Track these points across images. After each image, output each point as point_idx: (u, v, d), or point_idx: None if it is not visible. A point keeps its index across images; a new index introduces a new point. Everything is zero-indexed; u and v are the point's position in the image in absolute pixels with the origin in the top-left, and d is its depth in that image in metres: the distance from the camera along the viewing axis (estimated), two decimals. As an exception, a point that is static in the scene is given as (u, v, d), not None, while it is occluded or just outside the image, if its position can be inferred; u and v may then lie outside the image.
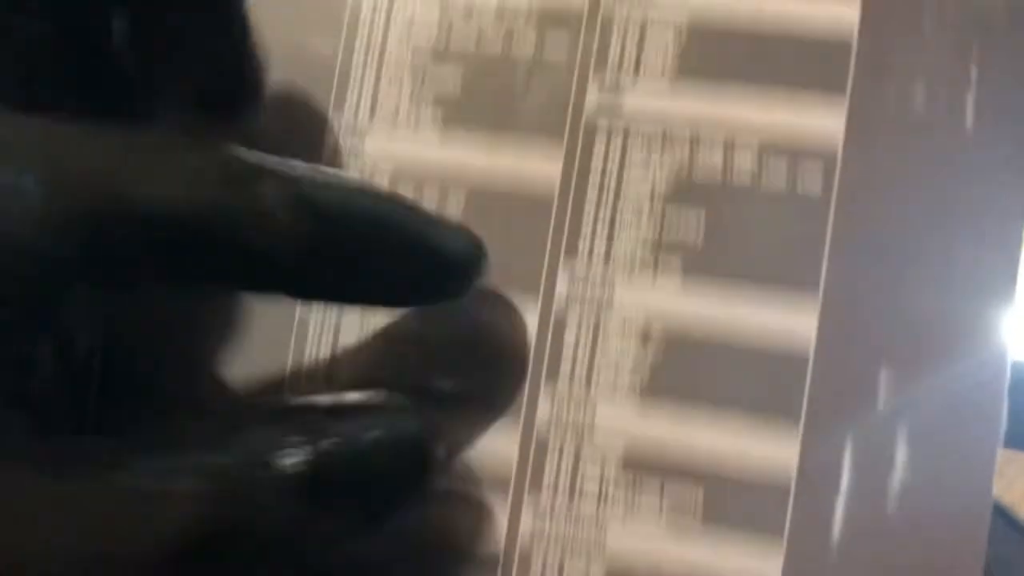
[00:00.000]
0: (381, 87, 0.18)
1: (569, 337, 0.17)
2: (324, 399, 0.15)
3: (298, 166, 0.14)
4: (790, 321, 0.16)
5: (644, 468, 0.17)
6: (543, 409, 0.17)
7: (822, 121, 0.17)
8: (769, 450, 0.16)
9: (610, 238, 0.17)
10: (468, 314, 0.17)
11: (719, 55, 0.17)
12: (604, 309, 0.17)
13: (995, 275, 0.16)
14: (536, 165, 0.18)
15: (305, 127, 0.18)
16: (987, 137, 0.16)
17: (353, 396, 0.15)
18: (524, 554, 0.17)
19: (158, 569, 0.12)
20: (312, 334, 0.18)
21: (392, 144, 0.18)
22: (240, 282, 0.15)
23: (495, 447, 0.17)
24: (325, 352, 0.18)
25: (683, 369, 0.17)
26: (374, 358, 0.18)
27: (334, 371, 0.18)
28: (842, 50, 0.17)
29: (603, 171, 0.17)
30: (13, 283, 0.13)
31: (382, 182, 0.18)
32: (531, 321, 0.17)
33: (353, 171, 0.18)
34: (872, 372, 0.16)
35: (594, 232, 0.17)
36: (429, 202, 0.18)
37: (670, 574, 0.16)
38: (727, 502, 0.16)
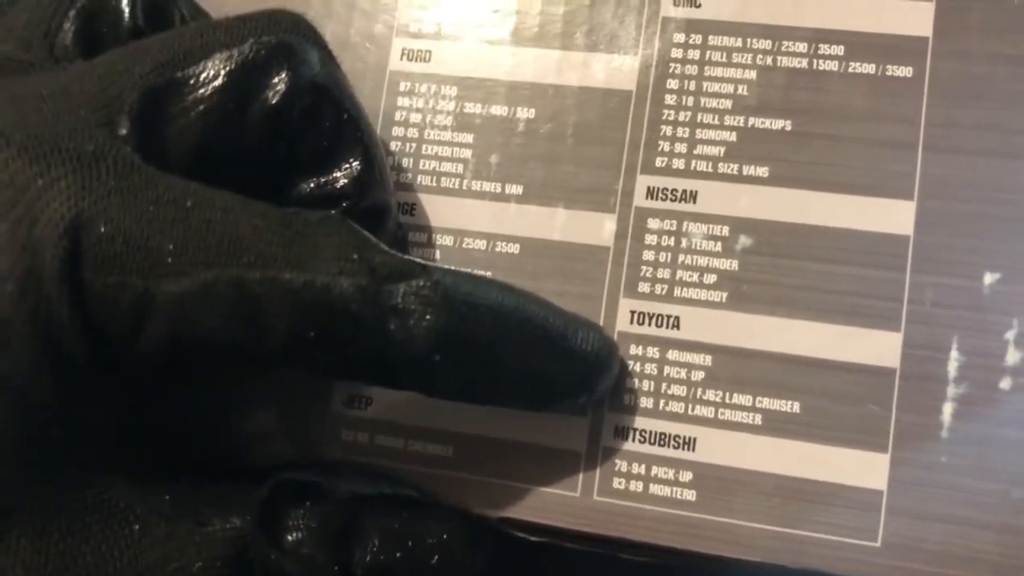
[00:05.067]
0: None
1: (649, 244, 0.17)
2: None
3: (435, 266, 0.14)
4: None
5: (734, 382, 0.16)
6: (622, 320, 0.16)
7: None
8: (870, 352, 0.15)
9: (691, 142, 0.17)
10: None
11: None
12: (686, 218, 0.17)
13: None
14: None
15: None
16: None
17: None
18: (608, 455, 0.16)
19: None
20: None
21: None
22: (374, 374, 0.15)
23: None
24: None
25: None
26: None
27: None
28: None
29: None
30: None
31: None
32: (609, 230, 0.17)
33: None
34: (976, 267, 0.15)
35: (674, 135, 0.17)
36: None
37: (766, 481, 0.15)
38: (826, 415, 0.15)
